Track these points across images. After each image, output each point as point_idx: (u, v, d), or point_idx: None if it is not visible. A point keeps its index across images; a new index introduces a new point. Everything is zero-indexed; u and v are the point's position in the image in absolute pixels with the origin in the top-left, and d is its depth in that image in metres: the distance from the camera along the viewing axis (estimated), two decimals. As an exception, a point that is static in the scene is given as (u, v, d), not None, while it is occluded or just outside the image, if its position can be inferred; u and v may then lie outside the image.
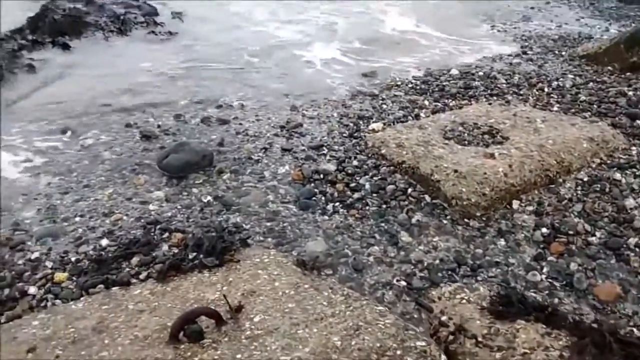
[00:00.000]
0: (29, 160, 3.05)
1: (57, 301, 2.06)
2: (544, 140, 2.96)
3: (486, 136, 3.10)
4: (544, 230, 2.49)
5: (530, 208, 2.64)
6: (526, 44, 5.13)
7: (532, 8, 6.36)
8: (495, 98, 3.83)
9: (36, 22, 4.91)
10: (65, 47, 4.68)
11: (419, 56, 4.88)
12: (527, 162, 2.77)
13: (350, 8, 6.37)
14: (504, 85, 4.07)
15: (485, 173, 2.66)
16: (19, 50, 4.45)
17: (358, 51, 5.02)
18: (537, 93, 3.91)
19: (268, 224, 2.56)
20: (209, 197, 2.73)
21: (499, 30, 5.57)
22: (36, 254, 2.30)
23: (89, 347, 1.72)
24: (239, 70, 4.44)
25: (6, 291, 2.12)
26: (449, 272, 2.29)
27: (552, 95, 3.86)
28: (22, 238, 2.41)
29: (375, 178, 2.88)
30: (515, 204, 2.66)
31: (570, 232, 2.46)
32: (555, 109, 3.59)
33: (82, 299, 2.02)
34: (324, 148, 3.20)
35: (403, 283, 2.22)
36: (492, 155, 2.80)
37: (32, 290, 2.12)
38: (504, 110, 3.44)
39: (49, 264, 2.25)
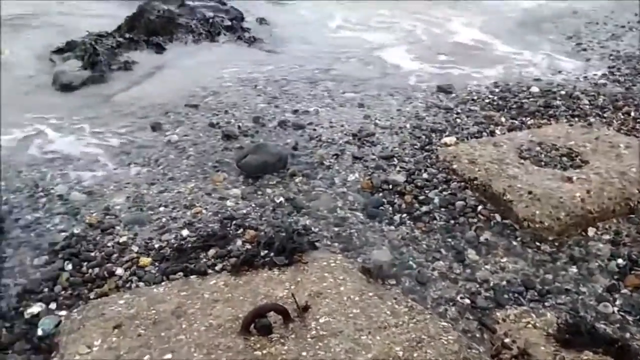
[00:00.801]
0: (123, 151, 3.32)
1: (141, 283, 2.24)
2: (627, 168, 2.84)
3: (564, 159, 3.02)
4: (620, 261, 2.41)
5: (607, 237, 2.55)
6: (614, 64, 4.90)
7: (622, 27, 6.05)
8: (576, 119, 3.71)
9: (133, 22, 5.28)
10: (159, 47, 5.00)
11: (495, 70, 4.79)
12: (607, 188, 2.68)
13: (418, 15, 6.35)
14: (587, 106, 3.93)
15: (561, 197, 2.60)
16: (117, 48, 4.82)
17: (435, 61, 5.00)
18: (622, 117, 3.74)
19: (335, 229, 2.64)
20: (281, 198, 2.85)
21: (584, 49, 5.35)
22: (124, 238, 2.52)
23: (168, 330, 1.87)
24: (317, 77, 4.57)
25: (96, 270, 2.33)
26: (516, 295, 2.26)
27: (638, 120, 3.68)
28: (112, 222, 2.63)
29: (444, 193, 2.89)
30: (591, 231, 2.58)
31: (649, 266, 2.36)
32: (641, 134, 3.43)
33: (163, 283, 2.19)
34: (395, 159, 3.24)
35: (467, 301, 2.23)
36: (569, 179, 2.73)
37: (119, 271, 2.32)
38: (586, 132, 3.33)
39: (134, 248, 2.45)
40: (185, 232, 2.54)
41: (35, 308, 2.12)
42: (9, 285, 2.24)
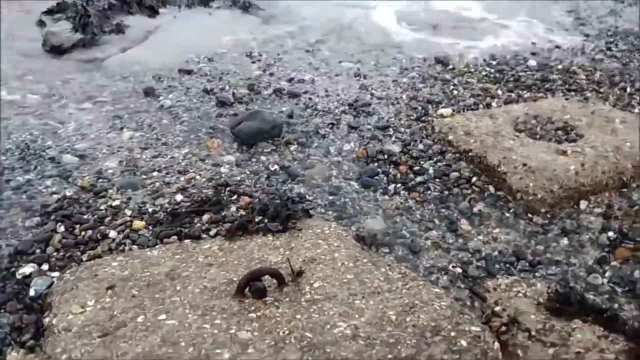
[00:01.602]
0: (116, 115, 3.27)
1: (134, 247, 2.23)
2: (621, 142, 2.85)
3: (560, 132, 3.03)
4: (611, 234, 2.43)
5: (599, 210, 2.57)
6: (611, 40, 4.87)
7: (621, 2, 5.99)
8: (573, 94, 3.70)
9: (125, -17, 5.14)
10: (152, 10, 4.88)
11: (493, 43, 4.75)
12: (601, 162, 2.69)
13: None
14: (584, 81, 3.92)
15: (555, 169, 2.61)
16: (109, 10, 4.70)
17: (433, 33, 4.94)
18: (618, 92, 3.74)
19: (330, 197, 2.64)
20: (276, 166, 2.84)
21: (583, 24, 5.30)
22: (117, 202, 2.50)
23: (162, 292, 1.87)
24: (314, 46, 4.50)
25: (89, 232, 2.32)
26: (507, 265, 2.29)
27: (634, 96, 3.68)
28: (105, 186, 2.61)
29: (439, 164, 2.89)
30: (583, 204, 2.60)
31: (639, 239, 2.39)
32: (636, 110, 3.43)
33: (157, 247, 2.18)
34: (390, 129, 3.22)
35: (459, 270, 2.25)
36: (564, 152, 2.74)
37: (112, 234, 2.31)
38: (582, 107, 3.32)
39: (128, 212, 2.44)
40: (179, 197, 2.53)
41: (27, 269, 2.11)
42: (1, 246, 2.23)
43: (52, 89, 3.58)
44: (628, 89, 3.79)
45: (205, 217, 2.38)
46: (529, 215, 2.55)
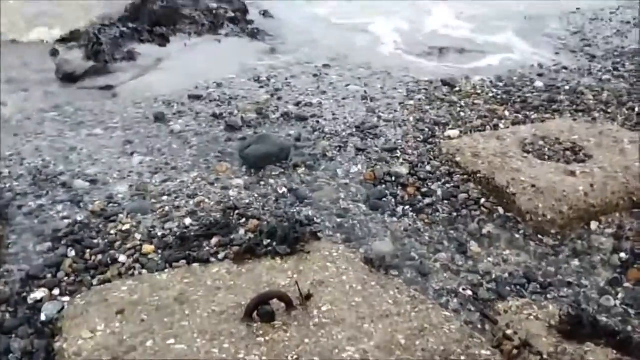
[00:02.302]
0: (126, 140, 3.32)
1: (144, 271, 2.25)
2: (631, 162, 2.84)
3: (568, 153, 3.02)
4: (622, 255, 2.41)
5: (610, 231, 2.55)
6: (618, 60, 4.89)
7: (627, 23, 6.02)
8: (580, 114, 3.70)
9: (137, 11, 5.27)
10: (163, 38, 4.99)
11: (499, 64, 4.78)
12: (611, 183, 2.68)
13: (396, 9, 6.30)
14: (591, 101, 3.92)
15: (564, 190, 2.60)
16: (120, 38, 4.81)
17: (439, 55, 5.00)
18: (626, 112, 3.73)
19: (338, 219, 2.64)
20: (284, 189, 2.85)
21: (589, 45, 5.33)
22: (127, 226, 2.52)
23: (171, 316, 1.88)
24: (320, 70, 4.56)
25: (99, 257, 2.33)
26: (518, 287, 2.27)
27: (643, 115, 3.67)
28: (115, 210, 2.64)
29: (447, 185, 2.89)
30: (594, 225, 2.58)
31: (652, 260, 2.36)
32: (645, 130, 3.42)
33: (166, 271, 2.19)
34: (398, 151, 3.24)
35: (469, 292, 2.23)
36: (573, 173, 2.73)
37: (122, 258, 2.32)
38: (590, 127, 3.32)
39: (138, 236, 2.46)
40: (188, 221, 2.54)
41: (39, 294, 2.13)
42: (13, 271, 2.25)
43: (65, 116, 3.65)
44: (636, 109, 3.78)
45: (214, 240, 2.40)
46: (539, 236, 2.53)
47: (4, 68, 4.30)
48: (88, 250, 2.35)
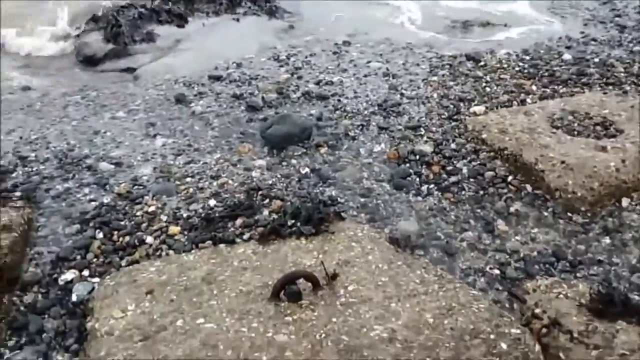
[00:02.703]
0: (149, 123, 3.33)
1: (171, 252, 2.27)
2: (665, 136, 2.74)
3: (598, 127, 2.93)
4: (655, 232, 2.35)
5: (642, 207, 2.48)
6: (651, 29, 4.71)
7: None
8: (611, 87, 3.58)
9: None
10: (181, 18, 4.97)
11: (526, 37, 4.65)
12: (643, 158, 2.60)
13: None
14: (622, 74, 3.79)
15: (595, 166, 2.54)
16: (139, 19, 4.80)
17: (464, 30, 4.88)
18: (659, 84, 3.61)
19: (362, 199, 2.62)
20: (306, 169, 2.84)
21: (619, 15, 5.13)
22: (152, 208, 2.54)
23: (199, 295, 1.90)
24: (341, 48, 4.49)
25: (127, 238, 2.36)
26: (546, 266, 2.23)
27: (676, 88, 3.54)
28: (140, 192, 2.66)
29: (473, 163, 2.84)
30: (625, 201, 2.52)
31: (686, 237, 2.30)
32: (679, 103, 3.30)
33: (192, 251, 2.21)
34: (422, 129, 3.18)
35: (496, 271, 2.21)
36: (604, 148, 2.65)
37: (149, 239, 2.35)
38: (621, 101, 3.22)
39: (163, 217, 2.48)
40: (212, 202, 2.55)
41: (69, 275, 2.17)
42: (43, 253, 2.30)
43: (88, 99, 3.67)
44: (670, 81, 3.65)
45: (239, 221, 2.40)
46: (569, 214, 2.48)
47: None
48: (115, 232, 2.39)
